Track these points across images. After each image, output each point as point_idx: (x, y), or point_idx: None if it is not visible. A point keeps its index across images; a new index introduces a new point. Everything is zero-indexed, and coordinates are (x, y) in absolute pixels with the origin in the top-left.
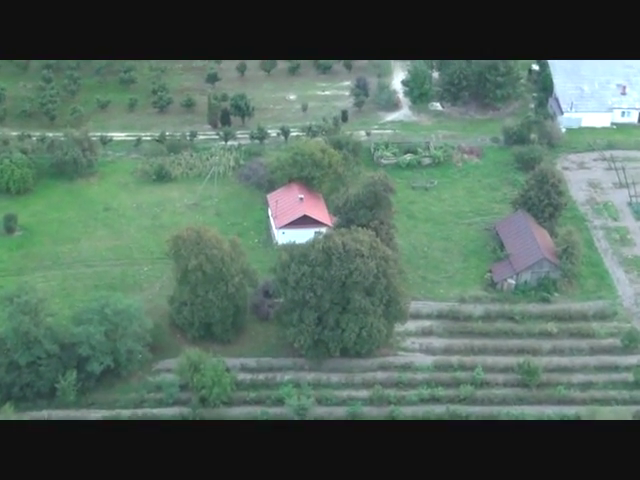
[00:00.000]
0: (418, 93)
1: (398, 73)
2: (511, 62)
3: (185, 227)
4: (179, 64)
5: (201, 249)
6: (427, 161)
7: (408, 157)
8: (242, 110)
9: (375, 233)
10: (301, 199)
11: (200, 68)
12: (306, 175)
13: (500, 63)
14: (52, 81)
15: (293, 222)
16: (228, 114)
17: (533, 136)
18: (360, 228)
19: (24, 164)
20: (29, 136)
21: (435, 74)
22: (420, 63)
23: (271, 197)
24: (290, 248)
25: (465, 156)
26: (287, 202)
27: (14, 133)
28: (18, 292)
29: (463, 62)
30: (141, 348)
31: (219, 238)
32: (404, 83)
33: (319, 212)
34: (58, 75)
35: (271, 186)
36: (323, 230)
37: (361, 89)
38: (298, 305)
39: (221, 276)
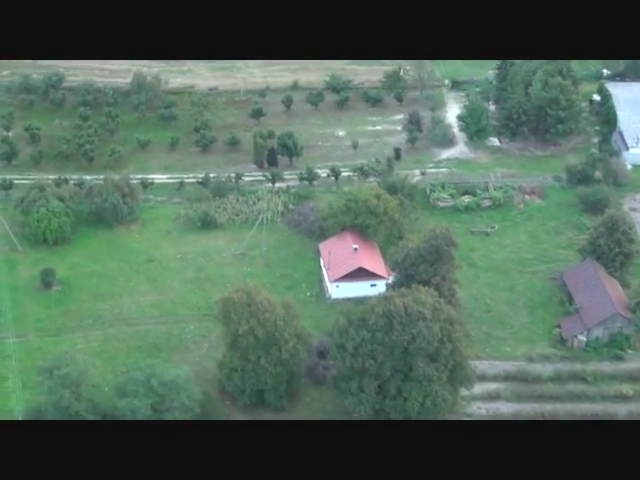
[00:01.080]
0: (475, 129)
1: (452, 106)
2: (573, 95)
3: (235, 288)
4: (222, 98)
5: (252, 312)
6: (486, 203)
7: (466, 199)
8: (290, 150)
9: (437, 290)
10: (355, 249)
11: (244, 102)
12: (360, 223)
13: (561, 96)
14: (89, 119)
15: (348, 275)
16: (275, 154)
17: (597, 174)
18: (421, 286)
19: (62, 212)
20: (66, 181)
21: (491, 107)
22: (476, 97)
23: (323, 247)
24: (348, 312)
25: (526, 197)
26: (340, 252)
27: (50, 176)
28: (58, 363)
29: (522, 96)
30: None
31: (271, 300)
32: (460, 118)
33: (375, 263)
34: (95, 112)
35: (322, 233)
36: (380, 284)
37: (414, 124)
38: (357, 373)
39: (274, 341)
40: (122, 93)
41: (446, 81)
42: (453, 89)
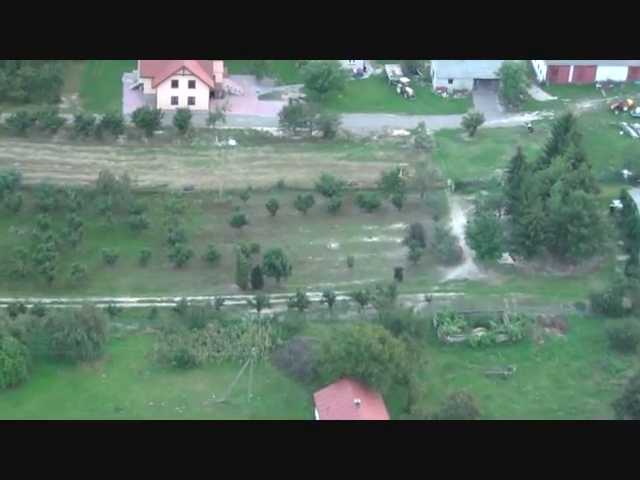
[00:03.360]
0: (487, 247)
1: (457, 212)
2: (597, 210)
3: None
4: (198, 200)
5: None
6: (502, 337)
7: (479, 333)
8: (277, 270)
9: None
10: (357, 404)
11: (223, 205)
12: (362, 371)
13: (584, 212)
14: (49, 227)
15: None
16: (260, 274)
17: (626, 300)
18: None
19: (17, 352)
20: (22, 308)
21: (502, 216)
22: (488, 209)
23: (319, 398)
24: None
25: (547, 330)
26: (340, 407)
27: (4, 300)
28: None
29: (539, 210)
30: None
31: None
32: (470, 236)
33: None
34: (56, 217)
35: (317, 376)
36: None
37: (416, 238)
38: None
39: None
40: (86, 194)
41: (449, 181)
42: (457, 191)
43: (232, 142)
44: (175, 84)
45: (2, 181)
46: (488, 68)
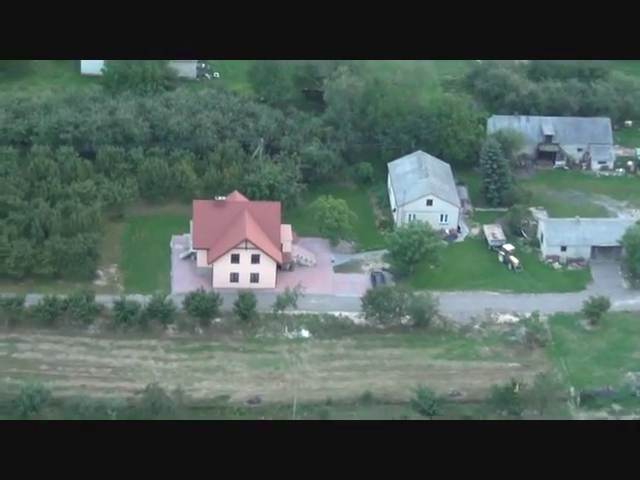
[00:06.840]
0: None
1: None
2: None
3: None
4: (267, 417)
5: None
6: None
7: None
8: None
9: None
10: None
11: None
12: None
13: None
14: None
15: None
16: None
17: None
18: None
19: None
20: None
21: None
22: None
23: None
24: None
25: None
26: None
27: None
28: None
29: None
30: None
31: None
32: None
33: None
34: None
35: None
36: None
37: None
38: None
39: None
40: (130, 414)
41: (572, 390)
42: (583, 404)
43: (305, 333)
44: (235, 259)
45: (28, 401)
46: (608, 234)
